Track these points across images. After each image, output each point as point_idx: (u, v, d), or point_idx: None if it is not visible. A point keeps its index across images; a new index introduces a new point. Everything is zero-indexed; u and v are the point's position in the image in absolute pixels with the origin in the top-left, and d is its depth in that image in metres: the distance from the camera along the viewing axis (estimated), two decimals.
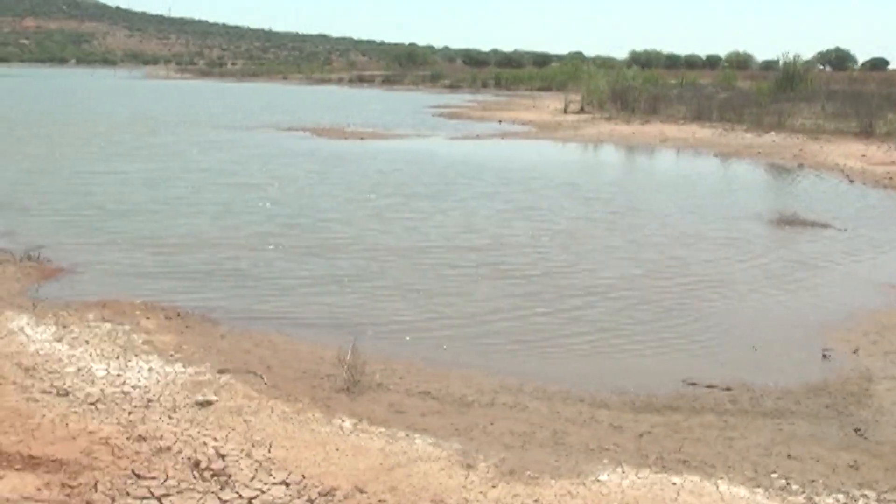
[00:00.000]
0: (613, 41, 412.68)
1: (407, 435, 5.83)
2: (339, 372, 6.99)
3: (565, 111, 41.78)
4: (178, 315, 8.64)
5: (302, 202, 15.92)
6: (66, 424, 5.59)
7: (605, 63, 77.77)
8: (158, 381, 6.55)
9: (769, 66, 78.61)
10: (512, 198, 16.85)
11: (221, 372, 6.91)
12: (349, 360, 7.06)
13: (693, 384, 7.24)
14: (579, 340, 8.49)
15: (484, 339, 8.49)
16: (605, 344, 8.43)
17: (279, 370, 7.19)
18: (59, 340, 7.49)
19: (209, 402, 6.14)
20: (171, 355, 7.28)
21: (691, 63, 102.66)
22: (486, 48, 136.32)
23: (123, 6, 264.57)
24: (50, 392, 6.19)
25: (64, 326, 7.93)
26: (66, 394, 6.17)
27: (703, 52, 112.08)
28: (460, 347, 8.20)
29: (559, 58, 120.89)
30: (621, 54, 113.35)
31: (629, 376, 7.44)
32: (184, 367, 6.97)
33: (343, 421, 6.04)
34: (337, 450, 5.46)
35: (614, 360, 7.98)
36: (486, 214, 14.93)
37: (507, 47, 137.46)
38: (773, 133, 30.18)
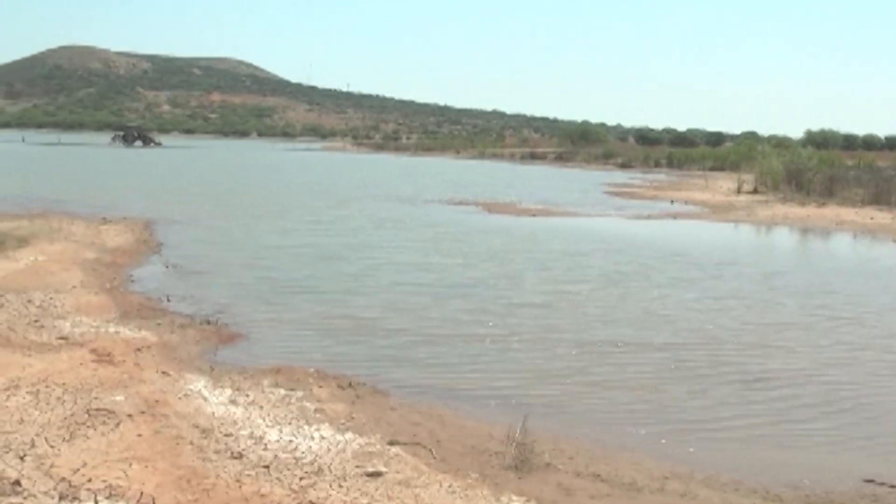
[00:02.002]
0: (788, 120, 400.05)
1: None
2: (507, 449, 7.02)
3: (738, 192, 40.92)
4: (350, 385, 8.92)
5: (476, 283, 16.06)
6: (240, 486, 5.85)
7: (779, 143, 75.86)
8: (329, 450, 6.77)
9: None
10: (705, 286, 16.19)
11: (391, 443, 7.07)
12: (518, 437, 7.09)
13: (873, 483, 6.90)
14: (754, 431, 8.27)
15: (656, 424, 8.37)
16: (781, 436, 8.16)
17: (448, 444, 7.30)
18: (235, 404, 7.87)
19: (379, 473, 6.28)
20: (342, 424, 7.52)
21: (869, 144, 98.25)
22: (658, 126, 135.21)
23: (304, 82, 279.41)
24: (224, 454, 6.49)
25: (239, 390, 8.33)
26: (240, 456, 6.45)
27: (882, 132, 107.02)
28: (631, 430, 8.13)
29: (733, 137, 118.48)
30: (796, 134, 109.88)
31: (805, 471, 7.19)
32: (354, 436, 7.18)
33: (511, 499, 6.05)
34: None
35: (790, 453, 7.71)
36: (675, 304, 14.34)
37: (680, 126, 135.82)
38: None
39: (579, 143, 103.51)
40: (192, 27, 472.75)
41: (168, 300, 12.80)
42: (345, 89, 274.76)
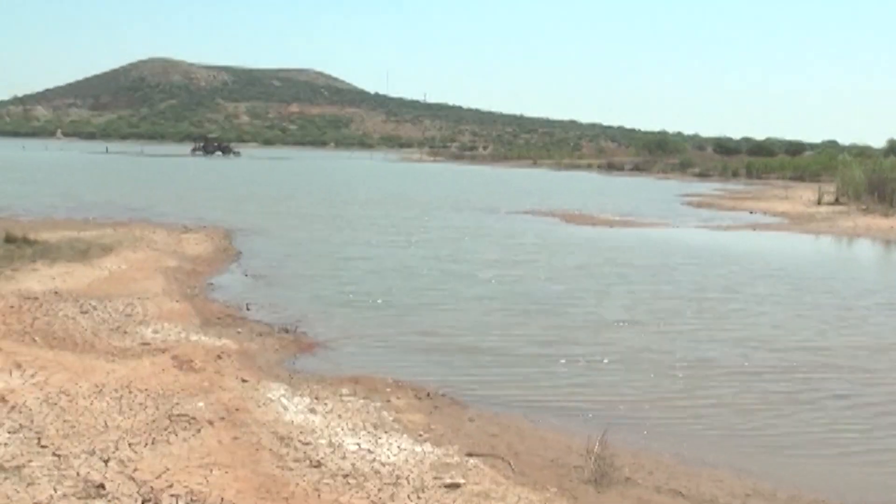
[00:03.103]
0: (870, 129, 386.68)
1: None
2: (586, 463, 6.96)
3: (819, 202, 40.03)
4: (428, 395, 8.94)
5: (560, 297, 15.86)
6: (319, 495, 5.89)
7: (861, 152, 74.21)
8: (407, 460, 6.77)
9: None
10: (795, 303, 15.47)
11: (469, 455, 7.04)
12: (597, 451, 7.01)
13: None
14: (842, 451, 8.08)
15: (740, 442, 8.23)
16: (869, 457, 7.97)
17: (526, 457, 7.26)
18: (313, 412, 7.93)
19: (457, 485, 6.26)
20: (420, 435, 7.52)
21: None
22: (736, 135, 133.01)
23: (382, 92, 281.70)
24: (303, 462, 6.54)
25: (318, 399, 8.40)
26: (319, 465, 6.50)
27: None
28: (712, 446, 8.02)
29: (812, 146, 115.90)
30: (878, 143, 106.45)
31: (893, 492, 7.05)
32: (432, 447, 7.18)
33: None
34: None
35: (878, 475, 7.52)
36: (766, 321, 13.79)
37: (758, 135, 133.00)
38: None
39: (656, 152, 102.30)
40: (272, 39, 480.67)
41: (247, 308, 13.00)
42: (421, 99, 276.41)
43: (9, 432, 6.54)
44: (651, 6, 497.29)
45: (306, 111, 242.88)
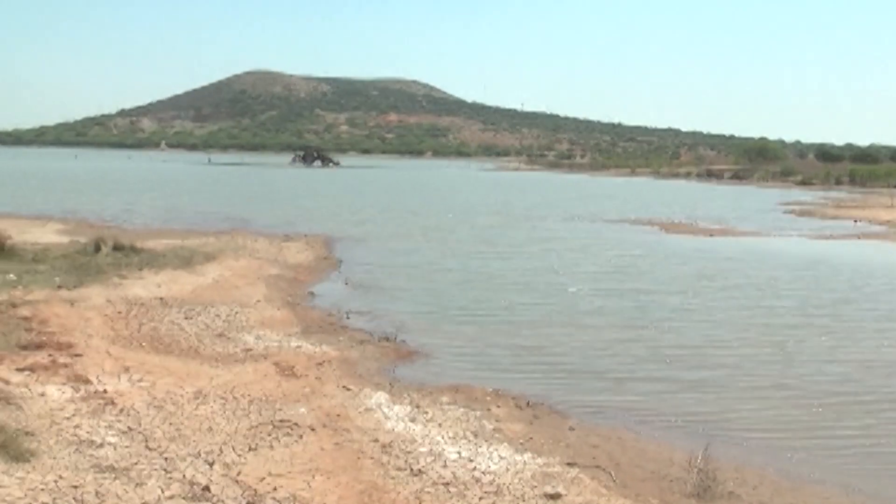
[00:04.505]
0: None
1: None
2: (689, 475, 6.83)
3: None
4: (528, 405, 8.90)
5: (672, 314, 15.33)
6: (420, 503, 5.90)
7: None
8: (508, 469, 6.75)
9: None
10: None
11: (570, 465, 6.99)
12: (700, 464, 6.88)
13: None
14: None
15: (847, 459, 8.00)
16: None
17: (627, 468, 7.18)
18: (414, 420, 7.98)
19: (558, 496, 6.21)
20: (521, 444, 7.49)
21: None
22: (839, 142, 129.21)
23: (479, 101, 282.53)
24: (404, 470, 6.58)
25: (418, 407, 8.44)
26: (420, 473, 6.52)
27: None
28: (818, 464, 7.79)
29: None
30: None
31: None
32: (533, 457, 7.14)
33: None
34: None
35: None
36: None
37: (862, 141, 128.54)
38: None
39: (756, 160, 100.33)
40: (370, 50, 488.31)
41: (347, 317, 13.14)
42: (519, 108, 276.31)
43: (118, 434, 6.75)
44: (751, 13, 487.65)
45: (404, 120, 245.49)
